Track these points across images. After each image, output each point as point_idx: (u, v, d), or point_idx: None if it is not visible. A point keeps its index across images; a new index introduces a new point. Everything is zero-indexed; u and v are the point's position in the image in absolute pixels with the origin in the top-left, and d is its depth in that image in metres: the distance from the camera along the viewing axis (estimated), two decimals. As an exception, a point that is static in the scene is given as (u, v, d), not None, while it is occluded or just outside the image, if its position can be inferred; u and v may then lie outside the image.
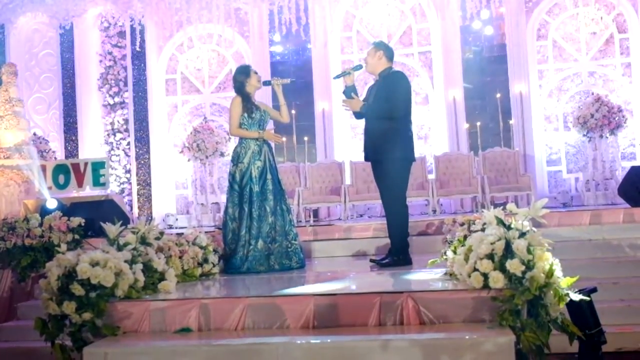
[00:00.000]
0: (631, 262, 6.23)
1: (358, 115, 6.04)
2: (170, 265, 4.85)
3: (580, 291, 3.88)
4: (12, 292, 6.98)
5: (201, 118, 12.17)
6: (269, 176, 6.13)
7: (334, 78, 6.50)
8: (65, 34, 12.16)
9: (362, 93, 6.28)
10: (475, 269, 3.82)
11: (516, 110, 11.31)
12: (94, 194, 9.77)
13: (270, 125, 6.87)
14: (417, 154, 6.11)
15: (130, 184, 12.13)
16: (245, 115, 6.15)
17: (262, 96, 7.33)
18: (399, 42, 11.80)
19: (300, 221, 9.78)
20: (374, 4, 11.87)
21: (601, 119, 10.22)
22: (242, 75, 6.26)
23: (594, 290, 4.15)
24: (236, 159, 6.18)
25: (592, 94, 10.77)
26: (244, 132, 6.17)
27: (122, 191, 12.02)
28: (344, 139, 11.90)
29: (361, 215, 10.94)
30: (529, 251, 3.71)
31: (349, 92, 5.99)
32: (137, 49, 11.89)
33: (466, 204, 10.87)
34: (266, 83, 6.44)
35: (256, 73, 6.32)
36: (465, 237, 4.55)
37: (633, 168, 8.31)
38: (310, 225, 8.33)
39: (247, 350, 3.65)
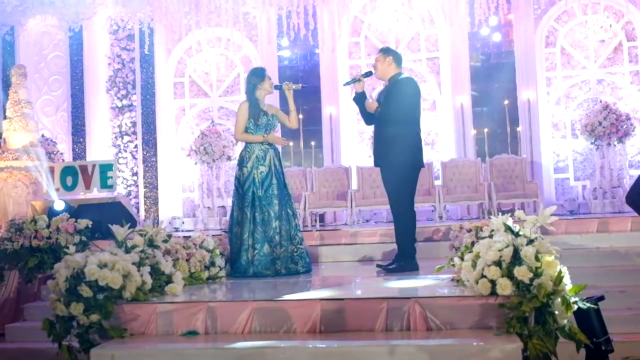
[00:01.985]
0: (639, 270, 6.20)
1: (368, 121, 6.06)
2: (177, 268, 4.87)
3: (588, 299, 3.88)
4: (18, 293, 6.99)
5: (209, 122, 12.19)
6: (274, 181, 6.12)
7: (344, 85, 6.49)
8: (75, 36, 12.21)
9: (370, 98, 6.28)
10: (482, 276, 3.82)
11: (524, 117, 11.30)
12: (102, 196, 9.81)
13: (277, 129, 6.86)
14: (424, 160, 6.08)
15: (137, 186, 12.15)
16: (252, 120, 6.16)
17: (270, 100, 7.32)
18: (407, 47, 11.80)
19: (307, 226, 9.78)
20: (382, 9, 11.88)
21: (609, 126, 10.19)
22: (256, 78, 6.26)
23: (602, 298, 4.13)
24: (241, 163, 6.20)
25: (600, 101, 10.74)
26: (248, 137, 6.18)
27: (129, 193, 12.05)
28: (351, 144, 11.90)
29: (367, 221, 10.93)
30: (537, 258, 3.70)
31: (359, 98, 6.00)
32: (146, 52, 11.94)
33: (472, 210, 10.85)
34: (277, 87, 6.43)
35: (270, 78, 6.32)
36: (472, 243, 4.55)
37: (641, 176, 8.27)
38: (317, 230, 8.33)
39: (254, 354, 3.66)
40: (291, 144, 11.66)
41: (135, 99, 12.23)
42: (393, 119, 5.71)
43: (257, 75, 6.28)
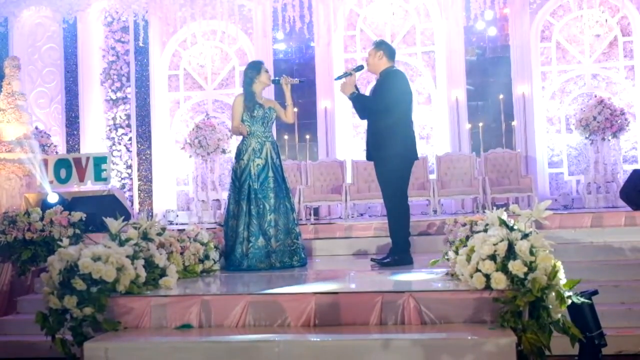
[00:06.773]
0: (632, 265, 6.22)
1: (362, 115, 6.05)
2: (171, 261, 4.85)
3: (582, 293, 3.88)
4: (12, 285, 6.97)
5: (203, 114, 12.16)
6: (270, 174, 6.11)
7: (336, 79, 6.44)
8: (69, 28, 12.15)
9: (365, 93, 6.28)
10: (477, 270, 3.82)
11: (518, 111, 11.31)
12: (95, 189, 9.78)
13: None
14: (418, 154, 6.07)
15: (131, 179, 12.12)
16: (247, 113, 6.14)
17: (265, 93, 7.30)
18: (402, 41, 11.78)
19: (301, 219, 9.77)
20: (378, 3, 11.85)
21: (603, 121, 10.20)
22: (252, 71, 6.23)
23: (595, 292, 4.14)
24: (238, 156, 6.19)
25: (595, 96, 10.74)
26: (241, 128, 6.14)
27: (123, 186, 12.02)
28: (346, 138, 11.89)
29: (362, 214, 10.93)
30: (531, 252, 3.70)
31: (353, 95, 5.98)
32: (140, 44, 11.89)
33: (467, 204, 10.86)
34: (275, 81, 6.41)
35: (267, 71, 6.30)
36: (467, 237, 4.56)
37: (635, 171, 8.30)
38: (312, 224, 8.32)
39: (247, 347, 3.65)
40: (286, 137, 11.66)
41: (130, 92, 12.19)
42: (382, 111, 5.70)
43: (253, 69, 6.26)
